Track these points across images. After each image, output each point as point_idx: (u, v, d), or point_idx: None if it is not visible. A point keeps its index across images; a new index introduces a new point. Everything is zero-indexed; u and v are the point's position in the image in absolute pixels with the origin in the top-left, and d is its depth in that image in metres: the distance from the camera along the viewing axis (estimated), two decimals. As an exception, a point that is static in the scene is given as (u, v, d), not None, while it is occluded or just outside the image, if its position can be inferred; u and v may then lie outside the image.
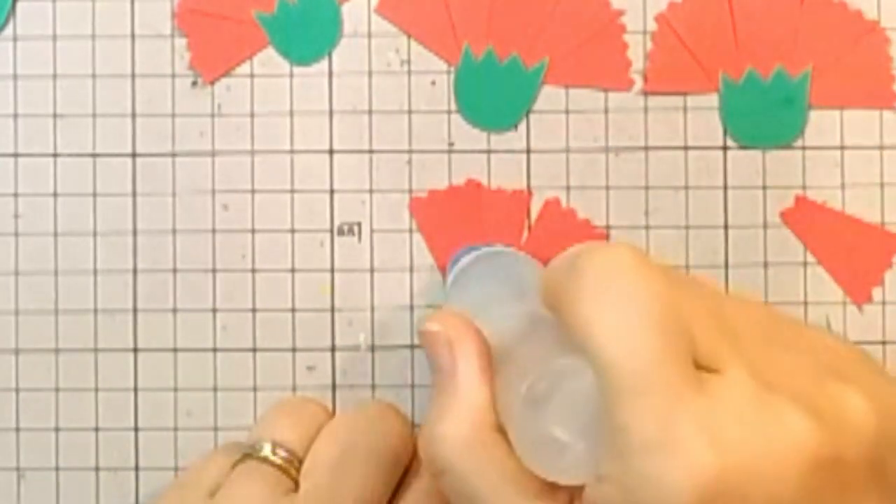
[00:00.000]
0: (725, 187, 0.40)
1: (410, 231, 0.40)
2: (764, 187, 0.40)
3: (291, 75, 0.41)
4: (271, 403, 0.40)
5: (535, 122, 0.40)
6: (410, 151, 0.40)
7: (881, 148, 0.40)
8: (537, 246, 0.40)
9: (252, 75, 0.41)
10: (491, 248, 0.37)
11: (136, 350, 0.40)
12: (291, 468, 0.34)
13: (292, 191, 0.40)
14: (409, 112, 0.40)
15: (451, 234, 0.40)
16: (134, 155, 0.41)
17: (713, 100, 0.40)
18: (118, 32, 0.41)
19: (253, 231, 0.40)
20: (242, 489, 0.33)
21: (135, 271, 0.40)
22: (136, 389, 0.40)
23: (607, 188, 0.40)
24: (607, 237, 0.40)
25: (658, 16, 0.40)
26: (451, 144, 0.40)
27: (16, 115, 0.41)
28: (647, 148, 0.40)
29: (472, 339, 0.31)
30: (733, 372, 0.26)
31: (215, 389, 0.40)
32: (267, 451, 0.34)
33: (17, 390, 0.40)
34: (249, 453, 0.34)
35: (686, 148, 0.40)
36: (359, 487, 0.33)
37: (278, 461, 0.34)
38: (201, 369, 0.40)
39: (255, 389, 0.40)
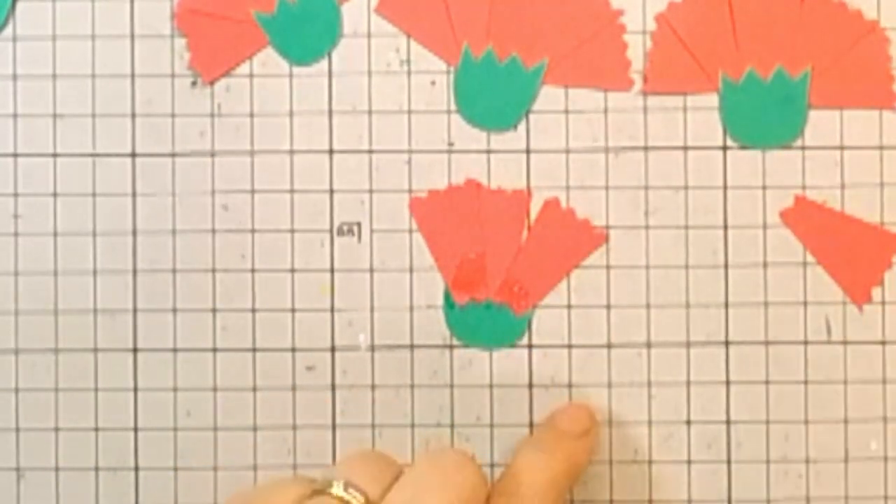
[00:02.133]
0: (725, 187, 0.40)
1: (410, 231, 0.40)
2: (764, 187, 0.40)
3: (291, 75, 0.41)
4: (271, 403, 0.40)
5: (535, 122, 0.40)
6: (410, 151, 0.40)
7: (881, 148, 0.40)
8: (537, 246, 0.40)
9: (252, 75, 0.41)
10: None
11: (136, 350, 0.40)
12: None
13: (292, 191, 0.40)
14: (409, 112, 0.40)
15: (451, 234, 0.40)
16: (134, 155, 0.41)
17: (713, 100, 0.40)
18: (118, 32, 0.41)
19: (253, 231, 0.40)
20: None
21: (135, 271, 0.40)
22: (136, 389, 0.40)
23: (607, 188, 0.40)
24: (607, 237, 0.40)
25: (658, 16, 0.40)
26: (450, 144, 0.40)
27: (16, 115, 0.41)
28: (646, 148, 0.40)
29: None
30: None
31: (215, 389, 0.40)
32: (339, 489, 0.34)
33: (17, 390, 0.40)
34: (320, 489, 0.34)
35: (686, 148, 0.40)
36: None
37: (350, 500, 0.34)
38: (201, 369, 0.40)
39: (254, 389, 0.40)
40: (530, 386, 0.40)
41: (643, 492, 0.40)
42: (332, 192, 0.40)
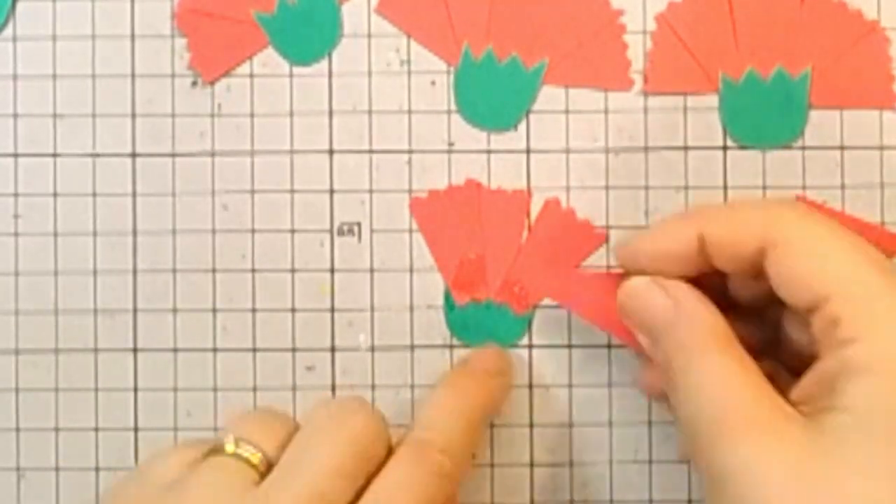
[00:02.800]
0: (725, 187, 0.40)
1: (410, 231, 0.40)
2: (764, 187, 0.40)
3: (291, 75, 0.41)
4: (271, 403, 0.40)
5: (535, 122, 0.40)
6: (410, 151, 0.40)
7: (881, 148, 0.40)
8: (537, 246, 0.40)
9: (252, 75, 0.41)
10: None
11: (136, 350, 0.40)
12: (257, 461, 0.33)
13: (292, 191, 0.40)
14: (409, 112, 0.40)
15: (451, 234, 0.40)
16: (134, 155, 0.41)
17: (713, 100, 0.40)
18: (118, 32, 0.41)
19: (253, 231, 0.40)
20: (203, 480, 0.33)
21: (135, 271, 0.40)
22: (136, 389, 0.40)
23: (607, 188, 0.40)
24: (607, 237, 0.40)
25: (658, 16, 0.40)
26: (451, 144, 0.40)
27: (16, 115, 0.41)
28: (647, 148, 0.40)
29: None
30: None
31: (215, 389, 0.40)
32: (230, 445, 0.34)
33: (17, 390, 0.40)
34: (213, 449, 0.34)
35: (686, 148, 0.40)
36: (317, 480, 0.32)
37: (242, 453, 0.33)
38: (201, 369, 0.40)
39: (255, 389, 0.40)
40: (530, 386, 0.40)
41: (643, 492, 0.40)
42: (332, 192, 0.40)
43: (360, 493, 0.33)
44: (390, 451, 0.34)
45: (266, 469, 0.33)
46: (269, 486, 0.33)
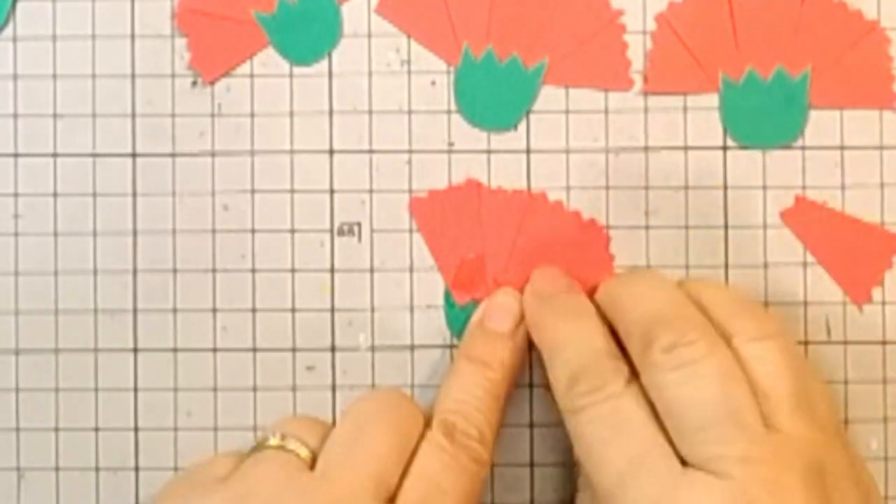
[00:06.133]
0: (725, 187, 0.40)
1: (410, 231, 0.40)
2: (764, 187, 0.40)
3: (291, 75, 0.41)
4: (271, 403, 0.40)
5: (535, 122, 0.40)
6: (410, 151, 0.40)
7: (881, 148, 0.40)
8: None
9: (252, 75, 0.41)
10: None
11: (136, 350, 0.40)
12: (305, 455, 0.35)
13: (292, 191, 0.40)
14: (409, 112, 0.40)
15: (451, 234, 0.40)
16: (134, 155, 0.41)
17: (713, 100, 0.40)
18: (118, 32, 0.41)
19: (253, 231, 0.40)
20: (256, 470, 0.34)
21: (135, 271, 0.40)
22: (136, 389, 0.40)
23: (607, 188, 0.40)
24: (607, 237, 0.40)
25: (658, 16, 0.40)
26: (451, 144, 0.40)
27: (16, 115, 0.41)
28: (647, 148, 0.40)
29: None
30: None
31: (215, 389, 0.40)
32: (275, 440, 0.35)
33: (17, 390, 0.40)
34: (258, 444, 0.35)
35: (686, 148, 0.40)
36: (373, 462, 0.34)
37: (288, 446, 0.35)
38: (201, 369, 0.40)
39: (255, 389, 0.40)
40: (530, 386, 0.40)
41: (643, 492, 0.40)
42: (332, 192, 0.40)
43: (404, 473, 0.35)
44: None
45: (312, 463, 0.34)
46: (326, 466, 0.34)
